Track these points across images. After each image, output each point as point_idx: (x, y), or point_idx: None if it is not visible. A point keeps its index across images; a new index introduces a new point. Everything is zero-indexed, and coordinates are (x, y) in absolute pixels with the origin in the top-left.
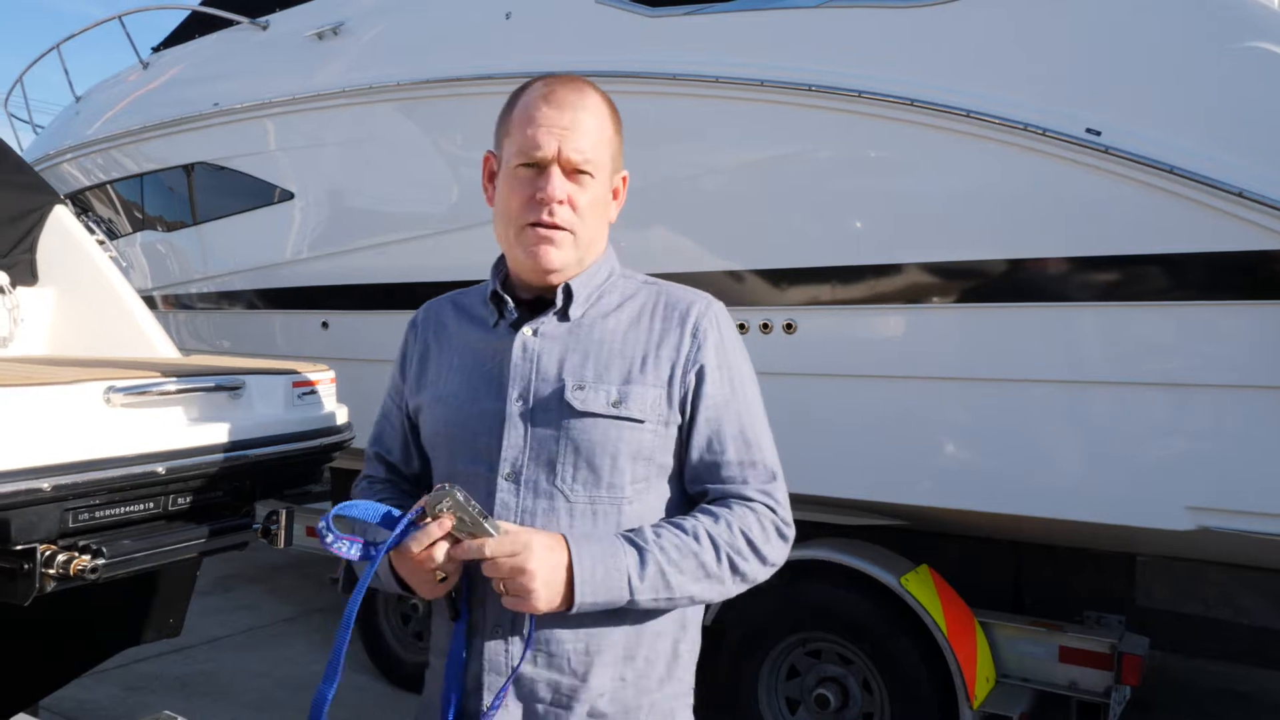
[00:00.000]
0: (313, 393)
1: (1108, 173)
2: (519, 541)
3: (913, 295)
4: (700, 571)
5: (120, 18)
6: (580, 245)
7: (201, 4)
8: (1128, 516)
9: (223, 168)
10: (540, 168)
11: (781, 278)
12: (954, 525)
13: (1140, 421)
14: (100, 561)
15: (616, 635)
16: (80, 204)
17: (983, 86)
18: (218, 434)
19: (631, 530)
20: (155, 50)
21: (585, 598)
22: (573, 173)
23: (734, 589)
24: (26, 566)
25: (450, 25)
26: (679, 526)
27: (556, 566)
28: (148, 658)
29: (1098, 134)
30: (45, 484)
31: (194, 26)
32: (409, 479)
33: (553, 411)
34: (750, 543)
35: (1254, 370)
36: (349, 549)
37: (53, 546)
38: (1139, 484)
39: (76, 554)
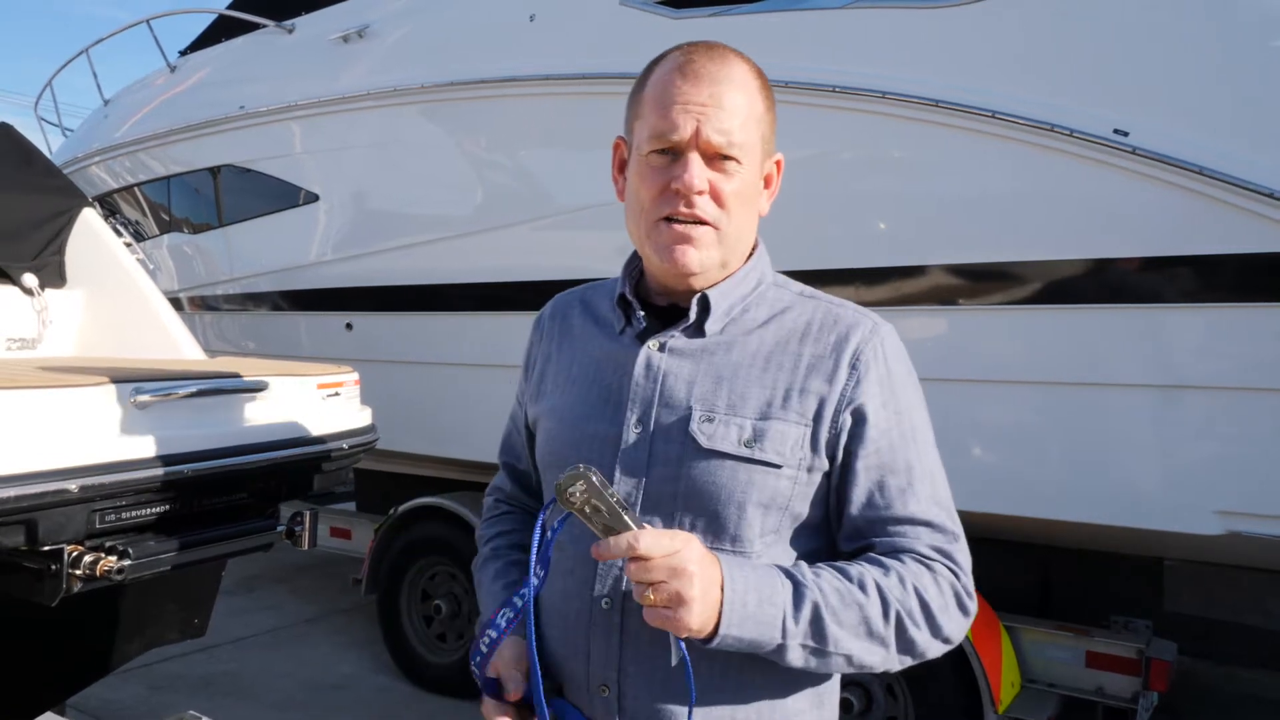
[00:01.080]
0: (337, 394)
1: (1136, 174)
2: (680, 537)
3: (938, 297)
4: (863, 627)
5: (148, 21)
6: (725, 244)
7: (228, 8)
8: (1156, 521)
9: (248, 170)
10: (676, 154)
11: (805, 280)
12: (980, 529)
13: (1168, 425)
14: (126, 562)
15: (741, 714)
16: (108, 206)
17: (1008, 87)
18: (242, 435)
19: (788, 566)
20: (182, 54)
21: (731, 629)
22: (715, 158)
23: (896, 660)
24: (54, 567)
25: (474, 28)
26: (841, 571)
27: (711, 581)
28: (172, 657)
29: (1125, 134)
30: (72, 485)
31: (220, 30)
32: (537, 495)
33: (674, 444)
34: (925, 607)
35: None
36: (504, 626)
37: (80, 547)
38: (1167, 488)
39: (103, 555)
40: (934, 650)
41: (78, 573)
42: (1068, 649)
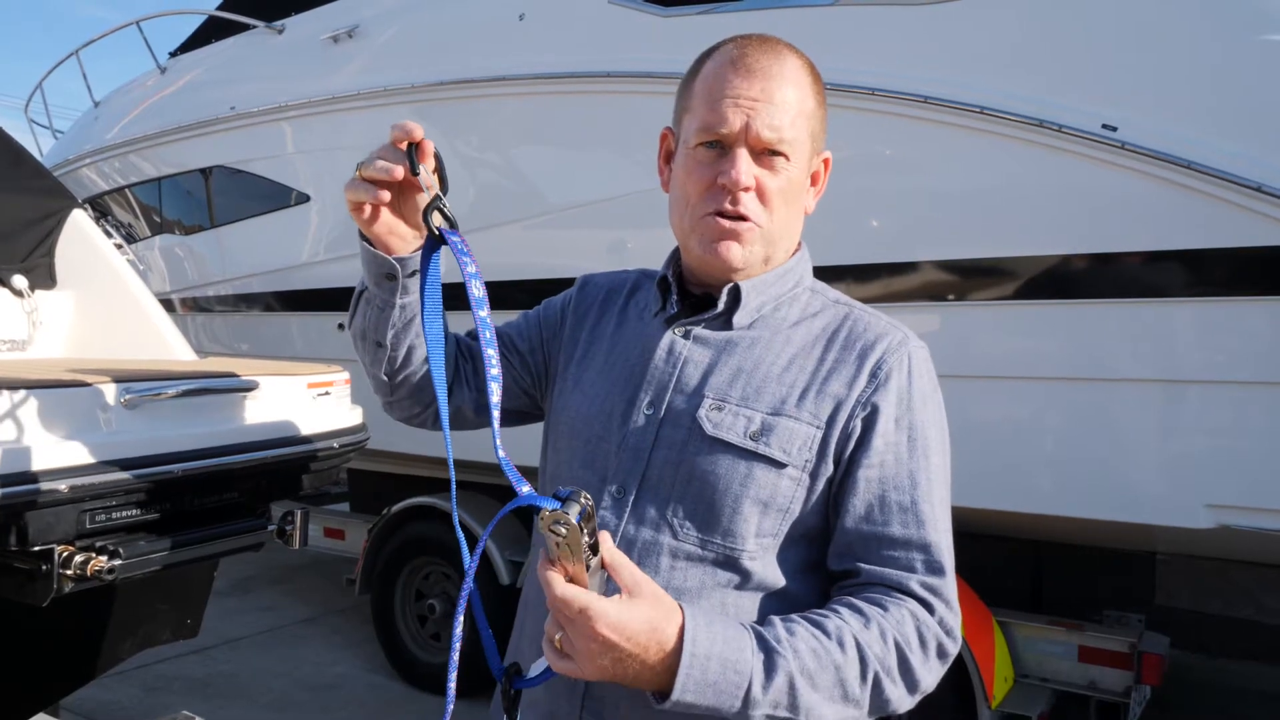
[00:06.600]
0: (327, 394)
1: (1124, 168)
2: (613, 614)
3: (927, 293)
4: (838, 690)
5: (138, 23)
6: (768, 241)
7: (218, 9)
8: (1147, 514)
9: (240, 171)
10: (725, 147)
11: None
12: (972, 524)
13: (1159, 419)
14: (117, 562)
15: None
16: (100, 208)
17: (997, 83)
18: (233, 435)
19: (760, 623)
20: (172, 55)
21: (686, 695)
22: (763, 154)
23: (864, 719)
24: (45, 567)
25: (463, 27)
26: (819, 626)
27: (649, 648)
28: (168, 659)
29: (1114, 129)
30: (62, 485)
31: (210, 31)
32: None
33: (681, 430)
34: (904, 662)
35: (1274, 366)
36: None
37: (70, 547)
38: (1158, 482)
39: (93, 555)
40: (906, 704)
41: (68, 573)
42: (1060, 644)
